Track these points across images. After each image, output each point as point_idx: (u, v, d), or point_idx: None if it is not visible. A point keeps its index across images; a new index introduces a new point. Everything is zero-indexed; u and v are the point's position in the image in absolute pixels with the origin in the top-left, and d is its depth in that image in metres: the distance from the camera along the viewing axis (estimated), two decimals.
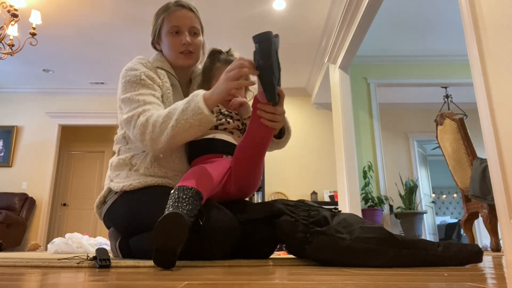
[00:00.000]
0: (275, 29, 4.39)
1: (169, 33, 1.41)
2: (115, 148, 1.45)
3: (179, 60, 1.43)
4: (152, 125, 1.20)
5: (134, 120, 1.24)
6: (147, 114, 1.23)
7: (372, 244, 0.98)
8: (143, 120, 1.22)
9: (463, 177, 2.84)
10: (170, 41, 1.41)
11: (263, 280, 0.67)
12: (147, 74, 1.35)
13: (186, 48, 1.40)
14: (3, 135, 5.90)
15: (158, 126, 1.19)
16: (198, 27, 1.44)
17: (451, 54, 4.97)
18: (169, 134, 1.18)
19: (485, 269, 0.93)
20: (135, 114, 1.25)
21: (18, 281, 0.70)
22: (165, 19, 1.41)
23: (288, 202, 1.21)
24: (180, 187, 1.04)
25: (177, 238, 0.92)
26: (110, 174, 1.41)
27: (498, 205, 1.47)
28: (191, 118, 1.15)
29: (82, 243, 2.31)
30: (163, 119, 1.19)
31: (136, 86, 1.32)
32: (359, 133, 4.68)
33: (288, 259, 1.21)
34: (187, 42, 1.39)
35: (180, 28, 1.40)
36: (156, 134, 1.20)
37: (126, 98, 1.30)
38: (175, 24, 1.40)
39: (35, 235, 5.56)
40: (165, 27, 1.41)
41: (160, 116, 1.20)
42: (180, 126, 1.16)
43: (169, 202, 1.01)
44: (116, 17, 4.18)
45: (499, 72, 1.47)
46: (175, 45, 1.41)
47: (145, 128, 1.21)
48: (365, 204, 4.28)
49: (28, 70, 5.47)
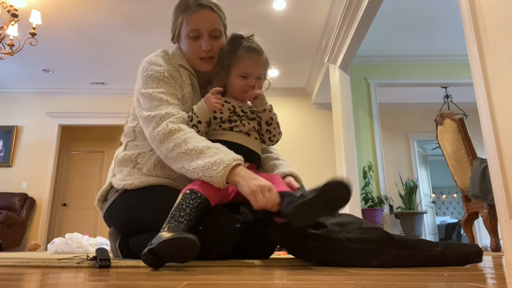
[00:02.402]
0: (275, 29, 4.39)
1: (188, 36, 1.32)
2: (123, 140, 1.42)
3: (197, 65, 1.36)
4: (173, 144, 1.13)
5: (156, 121, 1.18)
6: (177, 125, 1.16)
7: (370, 244, 0.98)
8: (168, 130, 1.15)
9: (463, 177, 2.84)
10: (189, 45, 1.33)
11: (263, 280, 0.67)
12: (171, 73, 1.29)
13: (206, 54, 1.32)
14: (3, 135, 5.90)
15: (176, 152, 1.13)
16: (220, 29, 1.34)
17: (451, 54, 4.97)
18: (180, 169, 1.14)
19: (485, 269, 0.93)
20: (157, 115, 1.19)
21: (18, 281, 0.70)
22: (184, 20, 1.32)
23: None
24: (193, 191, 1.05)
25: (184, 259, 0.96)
26: (113, 168, 1.39)
27: (498, 205, 1.47)
28: (204, 177, 1.07)
29: (82, 243, 2.31)
30: (186, 151, 1.11)
31: (157, 82, 1.26)
32: (359, 133, 4.68)
33: (288, 259, 1.21)
34: (207, 48, 1.31)
35: (200, 32, 1.31)
36: (171, 156, 1.15)
37: (147, 94, 1.24)
38: (195, 27, 1.30)
39: (35, 235, 5.56)
40: (184, 29, 1.32)
41: (186, 143, 1.12)
42: (193, 174, 1.11)
43: (179, 203, 1.02)
44: (116, 17, 4.18)
45: (499, 72, 1.47)
46: (195, 50, 1.33)
47: (166, 141, 1.15)
48: (365, 204, 4.28)
49: (28, 70, 5.47)
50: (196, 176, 1.09)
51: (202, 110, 1.24)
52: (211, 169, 1.06)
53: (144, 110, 1.24)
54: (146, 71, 1.28)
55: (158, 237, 0.94)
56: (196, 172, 1.09)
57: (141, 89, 1.27)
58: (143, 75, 1.29)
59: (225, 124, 1.28)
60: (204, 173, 1.07)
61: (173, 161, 1.15)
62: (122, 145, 1.42)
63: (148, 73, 1.28)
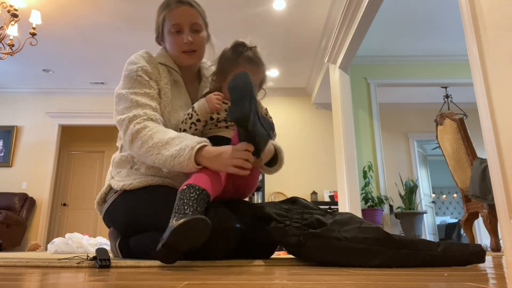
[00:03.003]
0: (275, 29, 4.39)
1: (170, 32, 1.38)
2: (118, 144, 1.45)
3: (181, 59, 1.40)
4: (142, 141, 1.20)
5: (125, 124, 1.25)
6: (142, 124, 1.22)
7: (369, 244, 0.98)
8: (134, 130, 1.22)
9: (463, 177, 2.84)
10: (172, 40, 1.38)
11: (263, 280, 0.67)
12: (145, 69, 1.34)
13: (188, 47, 1.37)
14: (3, 135, 5.90)
15: (145, 147, 1.20)
16: (200, 23, 1.40)
17: (451, 54, 4.97)
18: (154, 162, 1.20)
19: (485, 269, 0.92)
20: (126, 118, 1.25)
21: (18, 281, 0.70)
22: (165, 17, 1.38)
23: (281, 206, 1.20)
24: (192, 185, 1.05)
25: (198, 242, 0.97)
26: (111, 170, 1.41)
27: (498, 205, 1.47)
28: (177, 166, 1.14)
29: (82, 243, 2.31)
30: (153, 145, 1.18)
31: (132, 82, 1.31)
32: (359, 133, 4.68)
33: (288, 259, 1.21)
34: (188, 41, 1.36)
35: (181, 26, 1.37)
36: (142, 152, 1.21)
37: (121, 95, 1.30)
38: (176, 22, 1.36)
39: (35, 235, 5.56)
40: (166, 26, 1.39)
41: (152, 138, 1.19)
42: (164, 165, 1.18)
43: (180, 199, 1.02)
44: (116, 17, 4.18)
45: (499, 72, 1.47)
46: (177, 44, 1.38)
47: (134, 140, 1.22)
48: (365, 204, 4.28)
49: (28, 70, 5.47)
50: (169, 166, 1.16)
51: (203, 109, 1.29)
52: (178, 156, 1.13)
53: (117, 114, 1.30)
54: (124, 71, 1.35)
55: (168, 230, 0.94)
56: (167, 163, 1.15)
57: (117, 90, 1.33)
58: (122, 75, 1.36)
59: (221, 123, 1.33)
60: (174, 162, 1.14)
61: (145, 157, 1.21)
62: (119, 149, 1.44)
63: (125, 73, 1.34)
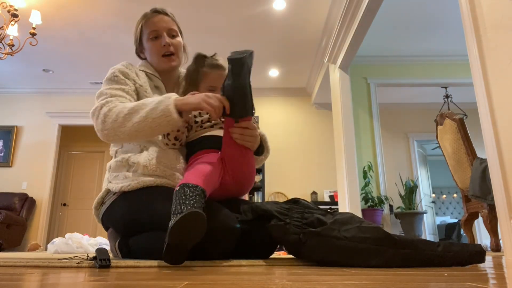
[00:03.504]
0: (275, 29, 4.39)
1: (149, 38, 1.48)
2: (111, 152, 1.48)
3: (162, 63, 1.48)
4: (115, 114, 1.22)
5: (97, 110, 1.27)
6: (110, 105, 1.26)
7: (369, 244, 0.98)
8: (105, 110, 1.25)
9: (463, 177, 2.84)
10: (151, 45, 1.48)
11: (263, 280, 0.67)
12: (121, 70, 1.40)
13: (167, 49, 1.47)
14: (3, 135, 5.90)
15: (121, 116, 1.20)
16: (175, 29, 1.51)
17: (451, 54, 4.98)
18: (134, 128, 1.19)
19: (485, 269, 0.93)
20: (99, 105, 1.27)
21: (18, 281, 0.70)
22: (143, 26, 1.49)
23: (281, 205, 1.21)
24: (186, 185, 1.05)
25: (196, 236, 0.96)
26: (108, 176, 1.41)
27: (498, 205, 1.47)
28: (159, 118, 1.17)
29: (82, 243, 2.31)
30: (128, 110, 1.21)
31: (110, 82, 1.37)
32: (359, 133, 4.68)
33: (288, 259, 1.21)
34: (166, 43, 1.46)
35: (158, 32, 1.47)
36: (118, 124, 1.21)
37: (98, 94, 1.35)
38: (153, 29, 1.47)
39: (35, 235, 5.56)
40: (145, 34, 1.49)
41: (126, 107, 1.22)
42: (147, 123, 1.18)
43: (176, 200, 1.02)
44: (116, 17, 4.18)
45: (499, 72, 1.47)
46: (156, 48, 1.47)
47: (107, 117, 1.23)
48: (365, 204, 4.28)
49: (28, 70, 5.47)
50: (152, 122, 1.17)
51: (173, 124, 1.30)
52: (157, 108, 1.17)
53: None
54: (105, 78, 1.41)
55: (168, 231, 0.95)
56: (149, 117, 1.17)
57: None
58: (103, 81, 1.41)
59: (205, 124, 1.38)
60: (155, 114, 1.16)
61: (123, 128, 1.21)
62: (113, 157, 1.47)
63: (105, 78, 1.40)
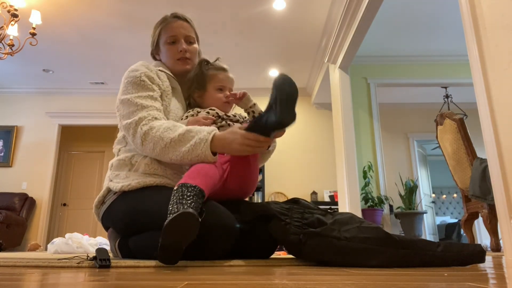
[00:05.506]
0: (275, 29, 4.39)
1: (167, 42, 1.52)
2: (115, 150, 1.48)
3: (177, 66, 1.52)
4: (153, 143, 1.24)
5: (132, 128, 1.28)
6: (148, 126, 1.26)
7: (369, 244, 0.98)
8: (142, 131, 1.26)
9: (463, 177, 2.83)
10: (168, 49, 1.52)
11: (263, 280, 0.67)
12: (147, 74, 1.39)
13: (183, 55, 1.50)
14: (3, 135, 5.90)
15: (158, 148, 1.24)
16: (193, 36, 1.56)
17: (451, 54, 4.97)
18: (171, 160, 1.26)
19: (485, 269, 0.93)
20: (133, 122, 1.28)
21: (18, 281, 0.70)
22: (162, 30, 1.53)
23: (282, 205, 1.21)
24: (184, 184, 1.05)
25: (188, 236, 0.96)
26: (109, 175, 1.42)
27: (498, 205, 1.47)
28: (195, 159, 1.20)
29: (82, 243, 2.31)
30: (166, 144, 1.23)
31: (136, 87, 1.36)
32: (359, 133, 4.68)
33: (288, 259, 1.21)
34: (183, 49, 1.50)
35: (176, 38, 1.51)
36: (156, 153, 1.26)
37: (125, 100, 1.33)
38: (172, 34, 1.51)
39: (35, 235, 5.56)
40: (163, 37, 1.52)
41: (163, 139, 1.23)
42: (182, 161, 1.24)
43: (173, 199, 1.02)
44: (116, 17, 4.18)
45: (499, 72, 1.47)
46: (173, 53, 1.51)
47: (145, 142, 1.26)
48: (365, 204, 4.28)
49: (28, 70, 5.47)
50: (187, 160, 1.21)
51: None
52: (195, 151, 1.19)
53: (123, 119, 1.34)
54: (126, 79, 1.39)
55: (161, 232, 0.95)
56: (185, 157, 1.21)
57: (120, 96, 1.37)
58: (123, 83, 1.39)
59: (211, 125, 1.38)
60: (191, 156, 1.19)
61: (160, 157, 1.27)
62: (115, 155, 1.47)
63: (128, 80, 1.38)
